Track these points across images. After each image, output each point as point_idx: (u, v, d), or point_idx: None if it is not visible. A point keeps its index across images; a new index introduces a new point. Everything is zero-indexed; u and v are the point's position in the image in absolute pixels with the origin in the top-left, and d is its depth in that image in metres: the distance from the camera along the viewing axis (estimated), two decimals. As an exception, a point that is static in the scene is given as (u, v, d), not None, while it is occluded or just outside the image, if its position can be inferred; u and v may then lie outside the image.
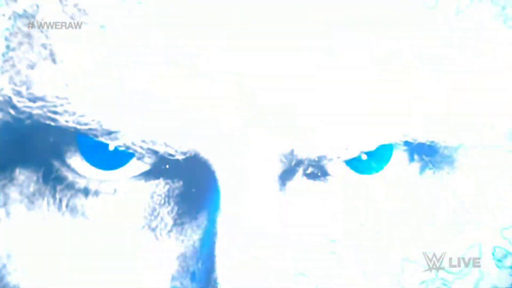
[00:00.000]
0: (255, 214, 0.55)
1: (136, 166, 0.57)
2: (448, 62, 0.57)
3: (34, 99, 0.54)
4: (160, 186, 0.58)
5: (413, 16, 0.56)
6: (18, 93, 0.54)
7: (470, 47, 0.58)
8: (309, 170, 0.58)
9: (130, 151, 0.55)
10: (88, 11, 0.54)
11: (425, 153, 0.60)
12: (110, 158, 0.57)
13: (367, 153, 0.58)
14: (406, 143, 0.59)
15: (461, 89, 0.58)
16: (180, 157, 0.55)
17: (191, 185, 0.58)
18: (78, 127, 0.54)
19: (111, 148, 0.56)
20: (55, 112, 0.54)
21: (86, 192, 0.57)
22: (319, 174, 0.59)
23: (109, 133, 0.54)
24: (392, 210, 0.60)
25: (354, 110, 0.55)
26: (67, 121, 0.54)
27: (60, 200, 0.57)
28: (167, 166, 0.57)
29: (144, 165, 0.57)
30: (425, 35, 0.56)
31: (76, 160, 0.57)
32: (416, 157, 0.60)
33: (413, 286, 0.61)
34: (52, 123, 0.54)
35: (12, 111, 0.55)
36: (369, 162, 0.59)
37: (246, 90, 0.54)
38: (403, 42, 0.56)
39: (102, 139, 0.55)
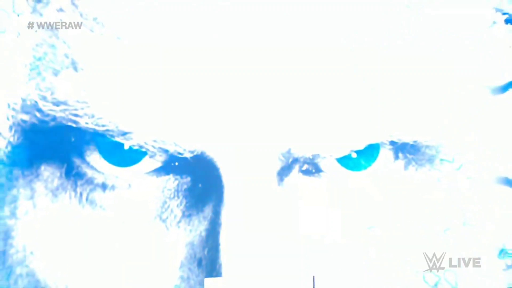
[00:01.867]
0: (256, 207, 0.58)
1: (148, 164, 0.60)
2: (431, 66, 0.60)
3: (57, 103, 0.57)
4: (170, 182, 0.60)
5: (399, 22, 0.59)
6: (44, 98, 0.57)
7: (453, 50, 0.61)
8: (304, 167, 0.61)
9: (143, 150, 0.58)
10: (106, 24, 0.57)
11: (409, 152, 0.62)
12: (125, 156, 0.59)
13: (356, 152, 0.61)
14: (392, 142, 0.61)
15: (442, 92, 0.61)
16: (188, 155, 0.58)
17: (198, 180, 0.60)
18: (97, 128, 0.57)
19: (126, 147, 0.58)
20: (76, 115, 0.57)
21: (103, 186, 0.60)
22: (313, 170, 0.61)
23: (124, 133, 0.57)
24: (380, 204, 0.62)
25: (345, 113, 0.58)
26: (86, 123, 0.57)
27: (81, 194, 0.60)
28: (177, 164, 0.60)
29: (155, 163, 0.60)
30: (410, 40, 0.59)
31: (95, 158, 0.60)
32: (400, 155, 0.62)
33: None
34: (74, 125, 0.57)
35: (38, 114, 0.58)
36: (358, 160, 0.61)
37: (247, 93, 0.57)
38: (390, 48, 0.59)
39: (118, 139, 0.58)
